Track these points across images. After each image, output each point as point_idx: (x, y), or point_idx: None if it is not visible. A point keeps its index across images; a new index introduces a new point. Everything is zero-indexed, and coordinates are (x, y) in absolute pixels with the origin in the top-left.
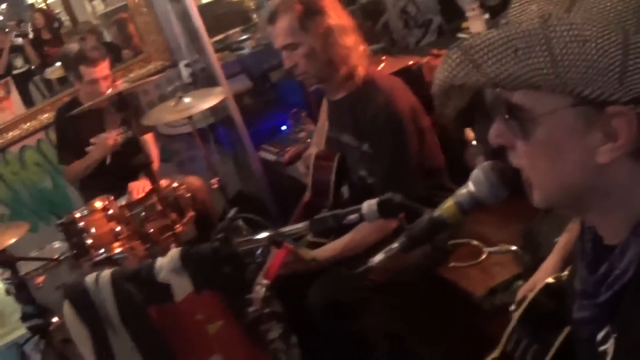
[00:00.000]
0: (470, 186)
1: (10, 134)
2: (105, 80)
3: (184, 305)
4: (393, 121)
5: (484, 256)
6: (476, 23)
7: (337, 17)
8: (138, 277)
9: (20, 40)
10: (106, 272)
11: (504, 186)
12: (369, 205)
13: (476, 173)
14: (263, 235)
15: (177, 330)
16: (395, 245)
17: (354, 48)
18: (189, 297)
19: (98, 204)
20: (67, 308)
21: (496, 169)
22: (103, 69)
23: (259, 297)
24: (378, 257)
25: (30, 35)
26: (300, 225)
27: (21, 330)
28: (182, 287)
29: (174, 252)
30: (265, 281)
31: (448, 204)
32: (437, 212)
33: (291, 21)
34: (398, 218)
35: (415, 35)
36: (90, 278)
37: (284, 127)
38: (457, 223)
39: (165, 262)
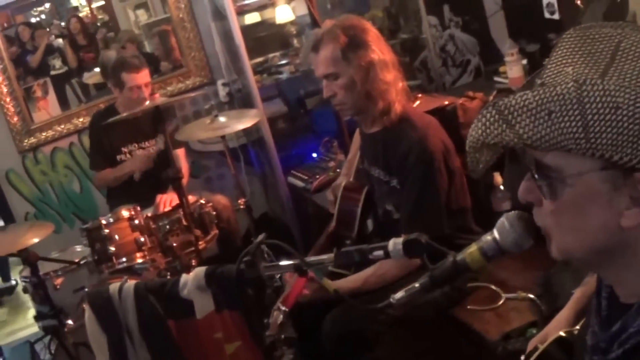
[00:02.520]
0: (495, 234)
1: (44, 134)
2: (147, 87)
3: (204, 322)
4: (424, 159)
5: (501, 302)
6: (514, 68)
7: (380, 51)
8: (162, 291)
9: (60, 41)
10: (130, 283)
11: (529, 236)
12: (394, 243)
13: (502, 222)
14: (289, 262)
15: (195, 347)
16: (416, 284)
17: (394, 84)
18: (210, 316)
19: (124, 212)
20: (88, 313)
21: (522, 219)
22: (145, 75)
23: (276, 322)
24: (399, 295)
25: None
26: (325, 256)
27: (34, 328)
28: (204, 304)
29: (199, 270)
30: (283, 307)
31: (472, 250)
32: (461, 256)
33: (334, 51)
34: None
35: (453, 75)
36: (113, 287)
37: (314, 155)
38: (480, 268)
39: (190, 279)
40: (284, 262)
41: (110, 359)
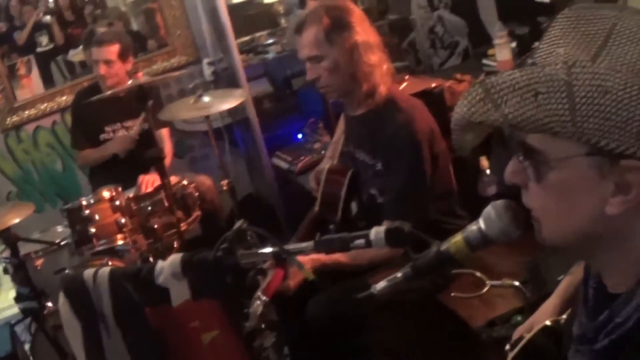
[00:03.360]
0: (481, 223)
1: (27, 113)
2: (107, 64)
3: (181, 311)
4: (410, 142)
5: (486, 289)
6: (503, 51)
7: (364, 33)
8: (137, 278)
9: (47, 18)
10: (105, 269)
11: (517, 227)
12: (377, 232)
13: (488, 211)
14: (267, 250)
15: (171, 335)
16: (399, 274)
17: (378, 66)
18: (186, 304)
19: (105, 193)
20: (62, 300)
21: (510, 208)
22: (106, 52)
23: (256, 313)
24: (381, 285)
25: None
26: (304, 244)
27: (14, 310)
28: (180, 292)
29: (175, 257)
30: (264, 297)
31: (457, 239)
32: (445, 246)
33: (318, 33)
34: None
35: (441, 56)
36: (88, 273)
37: (299, 136)
38: (464, 259)
39: (166, 266)
40: (262, 250)
41: (84, 346)
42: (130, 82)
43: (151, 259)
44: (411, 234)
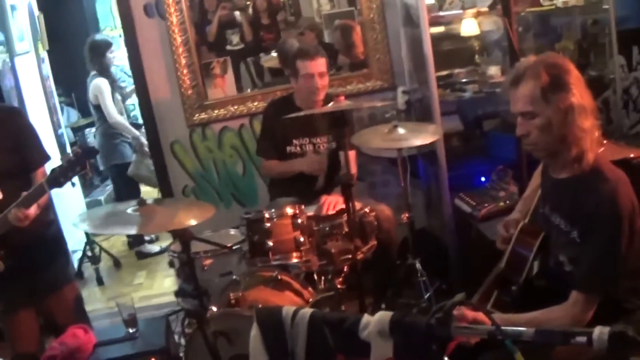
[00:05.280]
0: None
1: (215, 112)
2: (321, 77)
3: None
4: (613, 216)
5: None
6: None
7: (580, 96)
8: (339, 326)
9: (238, 14)
10: (306, 311)
11: None
12: (600, 332)
13: None
14: (483, 327)
15: None
16: None
17: (590, 132)
18: None
19: (289, 210)
20: (254, 332)
21: None
22: (319, 65)
23: None
24: None
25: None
26: (523, 329)
27: (167, 298)
28: (382, 350)
29: (384, 315)
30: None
31: None
32: None
33: (535, 89)
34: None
35: (631, 119)
36: (287, 310)
37: (482, 179)
38: None
39: (373, 322)
40: (477, 326)
41: None
42: (331, 104)
43: (315, 277)
44: (634, 340)
